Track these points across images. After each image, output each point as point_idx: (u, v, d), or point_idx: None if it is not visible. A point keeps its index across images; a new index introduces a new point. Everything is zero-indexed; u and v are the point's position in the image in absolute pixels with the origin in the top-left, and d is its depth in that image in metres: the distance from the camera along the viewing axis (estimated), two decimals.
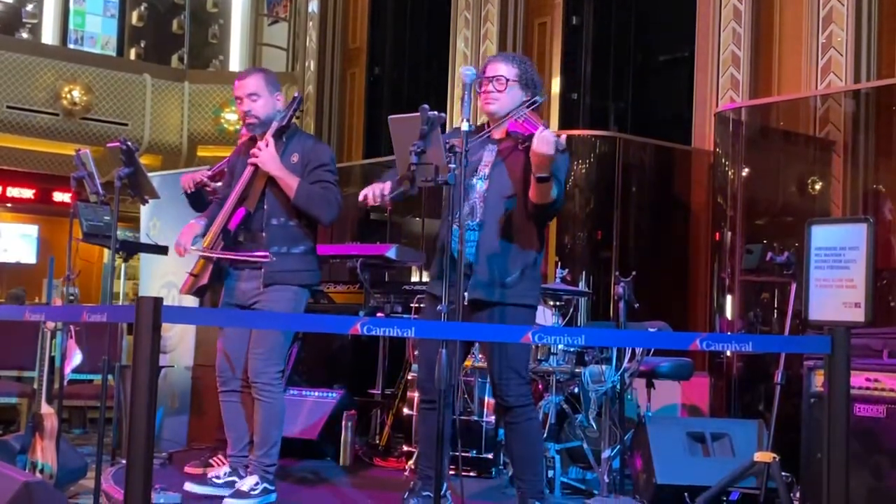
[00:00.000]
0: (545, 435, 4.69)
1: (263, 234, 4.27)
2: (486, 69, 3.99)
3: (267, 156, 4.22)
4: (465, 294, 3.79)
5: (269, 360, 4.25)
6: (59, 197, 13.56)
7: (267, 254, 4.21)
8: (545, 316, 5.16)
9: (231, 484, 4.32)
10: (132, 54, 14.31)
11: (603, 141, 7.20)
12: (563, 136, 3.55)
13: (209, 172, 4.81)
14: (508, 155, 3.91)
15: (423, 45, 10.58)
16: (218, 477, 4.41)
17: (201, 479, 4.44)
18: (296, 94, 4.41)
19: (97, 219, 5.22)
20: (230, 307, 4.36)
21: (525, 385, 3.92)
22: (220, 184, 4.72)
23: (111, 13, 14.44)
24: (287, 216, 4.28)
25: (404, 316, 5.89)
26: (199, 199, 5.04)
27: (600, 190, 7.00)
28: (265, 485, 4.25)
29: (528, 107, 3.89)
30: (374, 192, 3.82)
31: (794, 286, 4.55)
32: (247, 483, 4.24)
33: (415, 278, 7.93)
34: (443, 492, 3.99)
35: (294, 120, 4.43)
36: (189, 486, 4.36)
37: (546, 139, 3.55)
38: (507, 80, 3.91)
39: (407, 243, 7.21)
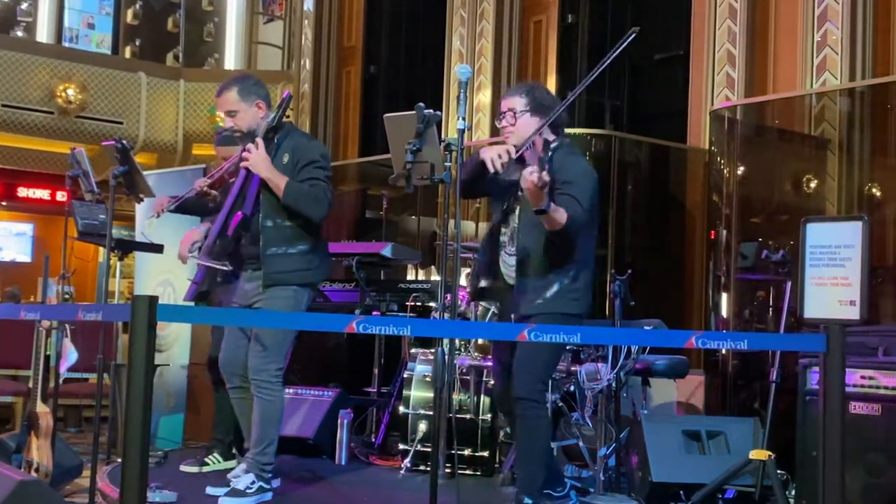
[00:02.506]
0: None
1: (261, 236, 4.29)
2: (501, 106, 4.16)
3: (257, 158, 4.23)
4: (512, 315, 4.08)
5: (268, 358, 4.26)
6: (55, 195, 13.54)
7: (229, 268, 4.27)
8: None
9: (262, 489, 4.28)
10: (127, 52, 14.29)
11: (598, 139, 7.20)
12: (536, 173, 3.57)
13: (209, 181, 4.83)
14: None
15: (418, 44, 10.56)
16: (237, 476, 4.32)
17: (225, 482, 4.36)
18: (284, 94, 4.40)
19: (92, 217, 5.23)
20: (232, 306, 4.38)
21: (535, 382, 4.02)
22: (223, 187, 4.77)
23: (106, 11, 14.42)
24: (282, 217, 4.28)
25: (400, 314, 5.89)
26: (185, 210, 5.15)
27: None
28: (261, 483, 4.24)
29: (540, 132, 3.92)
30: (500, 153, 3.84)
31: (789, 284, 4.56)
32: (242, 482, 4.23)
33: (410, 276, 7.92)
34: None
35: (286, 118, 4.43)
36: (211, 490, 4.33)
37: (525, 179, 3.61)
38: (516, 112, 4.07)
39: (403, 241, 7.20)
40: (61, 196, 13.49)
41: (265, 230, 4.28)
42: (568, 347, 4.83)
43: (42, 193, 13.66)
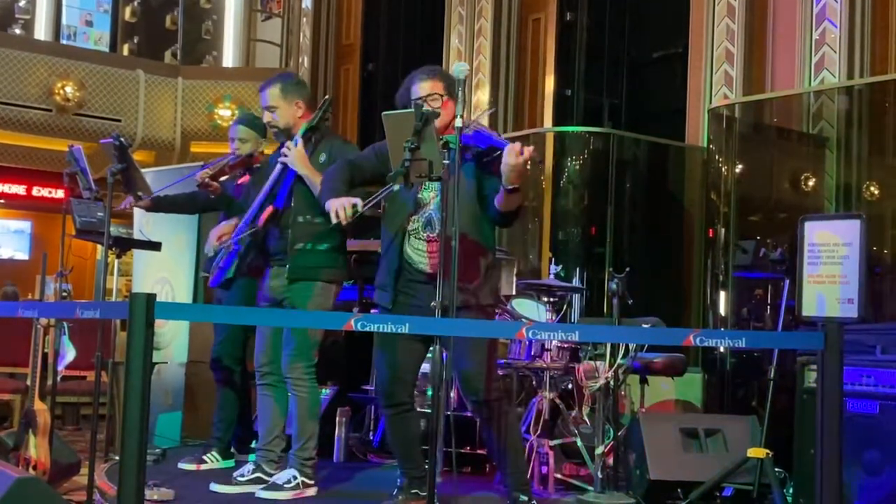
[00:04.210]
0: (539, 431, 4.71)
1: (290, 231, 4.39)
2: (413, 89, 4.03)
3: (295, 155, 4.38)
4: (433, 304, 3.64)
5: (299, 356, 4.36)
6: (52, 193, 13.53)
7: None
8: (539, 311, 5.17)
9: (258, 480, 4.37)
10: (125, 50, 14.28)
11: (597, 137, 7.20)
12: (531, 147, 3.61)
13: (210, 172, 4.94)
14: (459, 164, 3.77)
15: (416, 42, 10.56)
16: (242, 475, 4.45)
17: (225, 479, 4.46)
18: (325, 97, 4.62)
19: (90, 215, 5.21)
20: (263, 303, 4.49)
21: (496, 380, 4.01)
22: (225, 178, 4.94)
23: (104, 9, 14.41)
24: (312, 214, 4.37)
25: None
26: (160, 209, 5.32)
27: (594, 186, 6.99)
28: (302, 479, 4.31)
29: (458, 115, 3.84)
30: (345, 206, 3.69)
31: (787, 282, 4.56)
32: (283, 476, 4.30)
33: None
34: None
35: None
36: (215, 487, 4.40)
37: (519, 155, 3.56)
38: (442, 95, 4.00)
39: None
40: (37, 191, 13.53)
41: (295, 226, 4.39)
42: (565, 345, 4.82)
43: (18, 189, 13.64)
